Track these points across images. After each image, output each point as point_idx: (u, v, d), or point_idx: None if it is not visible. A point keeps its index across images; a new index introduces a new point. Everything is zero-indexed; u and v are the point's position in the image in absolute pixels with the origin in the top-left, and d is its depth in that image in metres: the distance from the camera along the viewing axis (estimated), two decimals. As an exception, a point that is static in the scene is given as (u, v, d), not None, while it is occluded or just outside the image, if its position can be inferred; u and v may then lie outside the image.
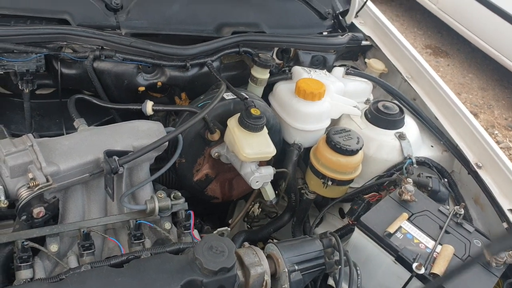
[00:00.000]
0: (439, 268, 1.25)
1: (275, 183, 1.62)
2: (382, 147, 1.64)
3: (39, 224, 1.21)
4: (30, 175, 1.15)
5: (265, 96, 1.75)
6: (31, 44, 1.40)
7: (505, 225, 1.49)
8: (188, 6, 1.74)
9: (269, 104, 1.71)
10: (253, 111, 1.46)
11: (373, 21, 2.10)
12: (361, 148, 1.52)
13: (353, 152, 1.50)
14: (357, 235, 1.38)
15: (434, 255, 1.29)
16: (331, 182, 1.53)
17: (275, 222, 1.71)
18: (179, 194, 1.39)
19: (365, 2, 2.09)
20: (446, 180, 1.64)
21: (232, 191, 1.70)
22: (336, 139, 1.51)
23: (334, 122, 1.74)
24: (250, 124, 1.44)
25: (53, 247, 1.24)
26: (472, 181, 1.63)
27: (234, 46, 1.66)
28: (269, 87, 1.75)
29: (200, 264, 1.10)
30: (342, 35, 1.96)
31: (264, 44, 1.73)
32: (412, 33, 5.82)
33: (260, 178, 1.48)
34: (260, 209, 1.76)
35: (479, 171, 1.60)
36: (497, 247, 1.18)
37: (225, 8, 1.81)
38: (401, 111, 1.69)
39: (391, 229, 1.32)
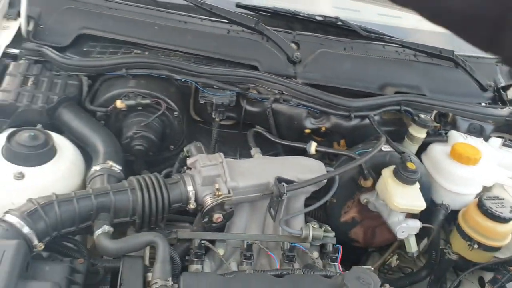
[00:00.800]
0: None
1: (416, 239, 1.68)
2: (536, 222, 1.61)
3: (214, 228, 1.45)
4: (216, 186, 1.40)
5: (418, 155, 1.84)
6: (227, 83, 1.71)
7: None
8: (357, 65, 1.94)
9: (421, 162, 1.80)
10: (409, 165, 1.57)
11: (538, 98, 2.09)
12: (510, 218, 1.53)
13: (504, 220, 1.51)
14: None
15: None
16: (477, 246, 1.55)
17: (413, 275, 1.76)
18: (329, 228, 1.54)
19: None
20: None
21: (374, 238, 1.80)
22: (489, 204, 1.54)
23: (486, 190, 1.76)
24: (404, 176, 1.55)
25: (220, 251, 1.46)
26: None
27: (395, 104, 1.81)
28: (423, 147, 1.85)
29: (350, 293, 1.22)
30: (502, 108, 1.99)
31: (424, 105, 1.85)
32: None
33: (407, 229, 1.57)
34: (397, 261, 1.82)
35: None
36: None
37: (390, 69, 1.98)
38: (561, 188, 1.66)
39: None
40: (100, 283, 1.34)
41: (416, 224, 1.58)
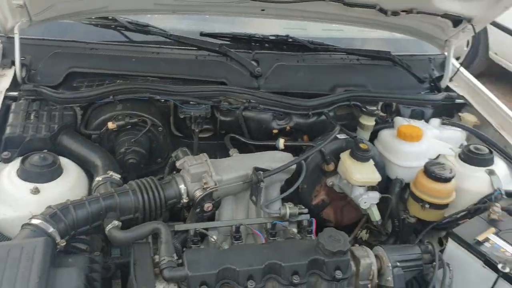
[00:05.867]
0: (522, 269, 1.49)
1: (380, 211, 1.97)
2: (474, 182, 1.92)
3: (206, 217, 1.70)
4: (204, 180, 1.66)
5: (371, 141, 2.15)
6: (202, 98, 1.99)
7: None
8: (309, 73, 2.27)
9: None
10: (362, 145, 1.87)
11: (466, 84, 2.45)
12: (453, 177, 1.83)
13: (446, 180, 1.82)
14: (451, 245, 1.66)
15: (521, 259, 1.53)
16: (428, 205, 1.84)
17: (382, 244, 2.03)
18: (303, 207, 1.80)
19: (458, 69, 2.46)
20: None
21: (344, 217, 2.07)
22: (432, 169, 1.84)
23: (431, 162, 2.07)
24: (359, 155, 1.85)
25: (213, 237, 1.71)
26: None
27: (345, 100, 2.12)
28: (374, 136, 2.16)
29: (322, 246, 1.48)
30: (437, 94, 2.33)
31: (370, 98, 2.17)
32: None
33: (368, 200, 1.85)
34: (367, 235, 2.09)
35: None
36: None
37: (338, 73, 2.32)
38: (490, 152, 1.98)
39: (479, 238, 1.59)
40: (112, 277, 1.56)
41: (376, 195, 1.86)
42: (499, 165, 1.99)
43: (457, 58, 6.19)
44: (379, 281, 1.59)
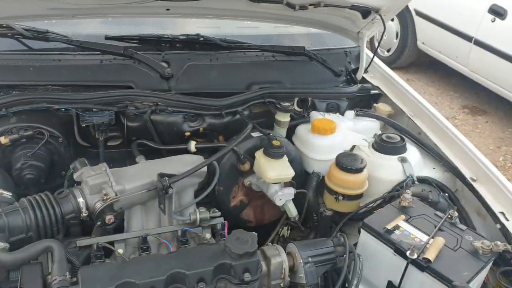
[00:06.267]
0: (430, 254, 1.49)
1: (298, 206, 1.94)
2: (387, 170, 1.93)
3: (109, 230, 1.60)
4: (104, 191, 1.56)
5: (290, 137, 2.12)
6: (105, 104, 1.89)
7: (498, 226, 1.70)
8: (223, 72, 2.21)
9: (293, 143, 2.07)
10: (275, 142, 1.83)
11: (381, 74, 2.47)
12: (364, 167, 1.83)
13: (357, 170, 1.81)
14: (363, 235, 1.65)
15: (427, 246, 1.53)
16: (342, 197, 1.83)
17: (303, 239, 2.00)
18: (217, 210, 1.74)
19: (372, 59, 2.48)
20: (447, 194, 1.89)
21: (264, 215, 2.03)
22: (343, 160, 1.83)
23: (348, 154, 2.06)
24: (272, 152, 1.81)
25: (120, 250, 1.61)
26: (472, 195, 1.86)
27: (260, 97, 2.08)
28: (292, 131, 2.13)
29: (229, 250, 1.42)
30: (351, 86, 2.34)
31: (285, 95, 2.14)
32: (448, 96, 6.04)
33: (283, 196, 1.82)
34: (289, 232, 2.06)
35: (474, 184, 1.84)
36: None
37: (253, 71, 2.27)
38: (402, 139, 2.00)
39: (389, 226, 1.59)
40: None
41: (290, 191, 1.83)
42: (411, 152, 2.01)
43: (388, 50, 6.49)
44: (292, 278, 1.55)
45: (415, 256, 1.49)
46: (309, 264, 1.55)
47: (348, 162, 1.82)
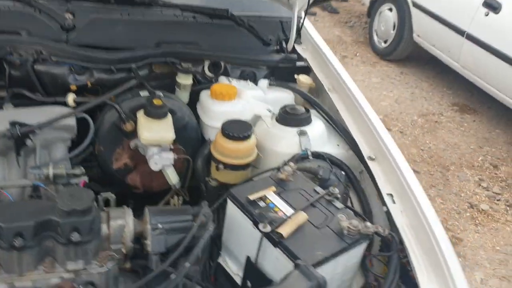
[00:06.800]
0: (284, 229, 1.33)
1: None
2: (283, 142, 1.77)
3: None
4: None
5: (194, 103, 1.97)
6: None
7: (385, 208, 1.54)
8: (131, 28, 2.05)
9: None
10: (156, 101, 1.68)
11: (313, 47, 2.30)
12: (249, 136, 1.67)
13: (239, 138, 1.65)
14: (229, 205, 1.49)
15: (288, 221, 1.37)
16: (222, 166, 1.67)
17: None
18: (82, 168, 1.60)
19: (300, 28, 2.29)
20: (343, 173, 1.72)
21: (152, 182, 1.88)
22: (228, 127, 1.67)
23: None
24: (152, 111, 1.67)
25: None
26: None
27: (160, 56, 1.93)
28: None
29: (57, 206, 1.28)
30: (275, 54, 2.17)
31: (192, 56, 1.98)
32: (440, 92, 5.81)
33: (159, 160, 1.67)
34: (180, 201, 1.91)
35: (372, 163, 1.67)
36: None
37: (166, 30, 2.10)
38: (307, 111, 1.83)
39: (252, 197, 1.43)
40: None
41: (169, 155, 1.68)
42: (315, 126, 1.84)
43: (385, 41, 6.26)
44: (142, 245, 1.41)
45: (268, 229, 1.33)
46: (158, 231, 1.40)
47: (232, 129, 1.66)
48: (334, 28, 7.29)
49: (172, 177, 1.73)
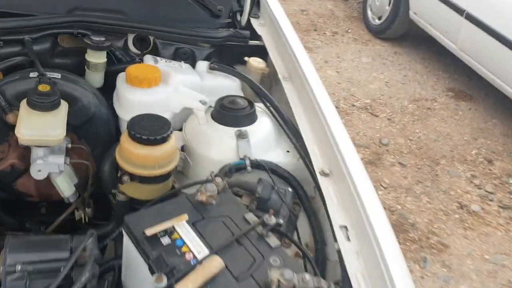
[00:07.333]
0: (186, 284, 0.93)
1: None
2: (216, 146, 1.36)
3: None
4: None
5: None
6: None
7: (336, 247, 1.13)
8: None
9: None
10: (41, 87, 1.26)
11: (270, 21, 1.86)
12: (166, 138, 1.24)
13: (150, 141, 1.23)
14: (125, 238, 1.09)
15: (197, 269, 0.98)
16: (127, 178, 1.25)
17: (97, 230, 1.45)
18: None
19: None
20: (290, 190, 1.31)
21: (51, 189, 1.46)
22: (135, 125, 1.25)
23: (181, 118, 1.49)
24: (34, 101, 1.24)
25: None
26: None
27: (67, 26, 1.49)
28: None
29: None
30: (220, 30, 1.73)
31: (110, 28, 1.55)
32: (435, 76, 5.37)
33: (44, 167, 1.26)
34: (86, 217, 1.50)
35: (325, 179, 1.26)
36: None
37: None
38: (251, 106, 1.42)
39: (149, 232, 1.02)
40: None
41: (57, 160, 1.27)
42: (261, 125, 1.42)
43: (379, 18, 5.78)
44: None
45: (163, 284, 0.93)
46: (16, 274, 1.01)
47: (141, 128, 1.24)
48: (326, 1, 6.78)
49: (64, 188, 1.32)
